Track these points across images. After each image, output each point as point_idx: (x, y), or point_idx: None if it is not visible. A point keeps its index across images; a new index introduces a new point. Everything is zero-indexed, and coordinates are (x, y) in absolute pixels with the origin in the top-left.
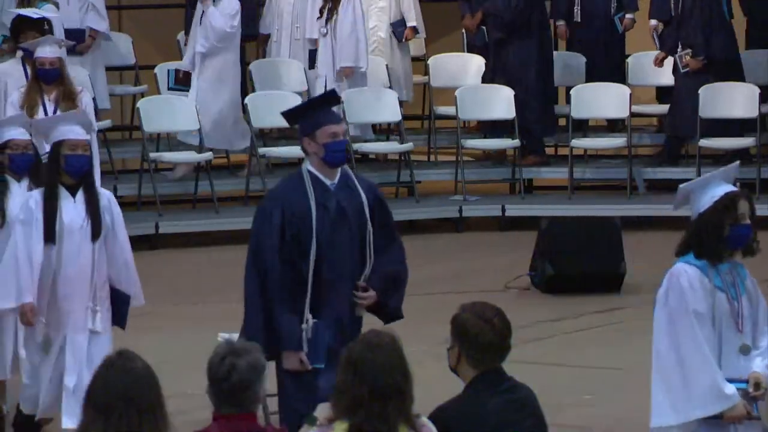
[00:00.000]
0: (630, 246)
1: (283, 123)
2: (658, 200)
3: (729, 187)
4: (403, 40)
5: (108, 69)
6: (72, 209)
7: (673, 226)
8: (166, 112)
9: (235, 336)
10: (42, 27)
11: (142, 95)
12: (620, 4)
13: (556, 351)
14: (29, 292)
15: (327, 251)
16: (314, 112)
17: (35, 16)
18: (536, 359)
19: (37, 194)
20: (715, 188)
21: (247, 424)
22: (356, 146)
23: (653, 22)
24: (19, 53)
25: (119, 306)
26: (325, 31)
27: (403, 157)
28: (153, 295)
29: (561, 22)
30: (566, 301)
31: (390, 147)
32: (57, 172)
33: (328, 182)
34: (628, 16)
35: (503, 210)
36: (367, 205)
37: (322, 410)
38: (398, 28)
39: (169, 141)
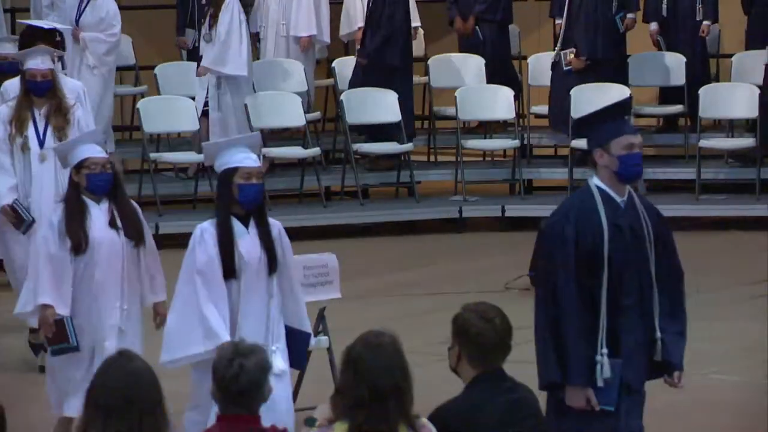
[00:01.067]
0: None
1: (282, 123)
2: (658, 201)
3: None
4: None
5: None
6: (248, 242)
7: (673, 227)
8: (166, 113)
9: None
10: (54, 39)
11: (142, 96)
12: (621, 4)
13: None
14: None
15: (618, 275)
16: (608, 121)
17: (46, 26)
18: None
19: (209, 226)
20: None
21: (251, 425)
22: (356, 146)
23: (653, 25)
24: None
25: (298, 346)
26: (209, 37)
27: (403, 158)
28: None
29: (560, 21)
30: None
31: (390, 147)
32: (229, 202)
33: (618, 199)
34: (629, 15)
35: (503, 210)
36: (652, 228)
37: (322, 411)
38: None
39: (170, 141)
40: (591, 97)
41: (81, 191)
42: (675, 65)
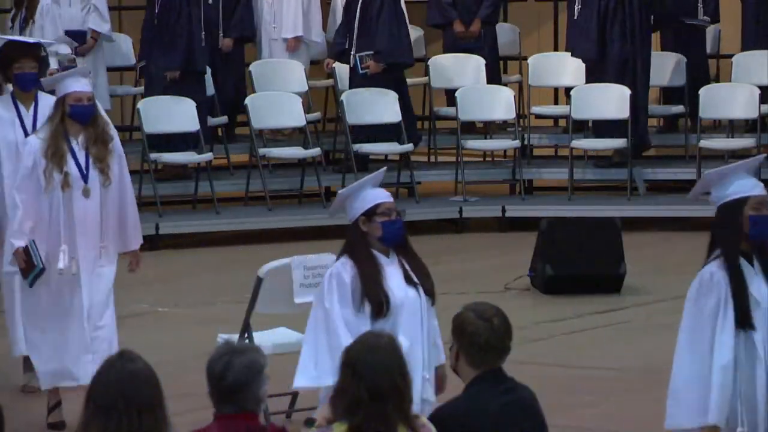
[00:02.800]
0: (630, 247)
1: (282, 123)
2: (659, 201)
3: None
4: None
5: (108, 69)
6: (758, 284)
7: (674, 227)
8: (166, 113)
9: (235, 337)
10: (38, 54)
11: (143, 96)
12: None
13: (556, 351)
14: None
15: None
16: None
17: (31, 40)
18: (536, 359)
19: (716, 269)
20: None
21: (247, 423)
22: (356, 147)
23: None
24: (8, 89)
25: None
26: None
27: (403, 158)
28: (153, 296)
29: None
30: (566, 301)
31: (390, 148)
32: (738, 236)
33: None
34: None
35: (503, 211)
36: None
37: (321, 411)
38: None
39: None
40: (590, 98)
41: (371, 243)
42: (675, 65)
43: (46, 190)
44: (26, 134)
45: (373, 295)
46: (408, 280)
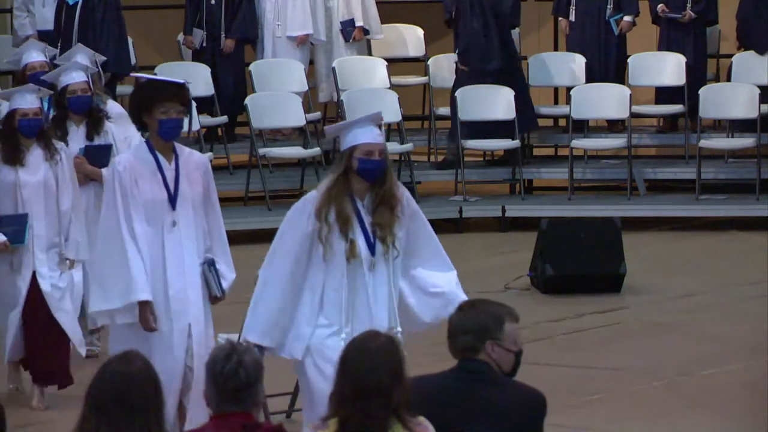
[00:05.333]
0: (630, 246)
1: (282, 123)
2: (658, 201)
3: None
4: (351, 40)
5: None
6: None
7: (674, 227)
8: None
9: (234, 336)
10: (187, 96)
11: None
12: (617, 6)
13: (556, 351)
14: None
15: None
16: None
17: (180, 81)
18: (536, 359)
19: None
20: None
21: (245, 421)
22: None
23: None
24: (144, 136)
25: None
26: None
27: (403, 158)
28: None
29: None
30: (566, 301)
31: (390, 147)
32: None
33: None
34: (626, 18)
35: (503, 210)
36: None
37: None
38: (347, 28)
39: None
40: (590, 98)
41: None
42: (675, 65)
43: (324, 259)
44: (168, 192)
45: None
46: None
